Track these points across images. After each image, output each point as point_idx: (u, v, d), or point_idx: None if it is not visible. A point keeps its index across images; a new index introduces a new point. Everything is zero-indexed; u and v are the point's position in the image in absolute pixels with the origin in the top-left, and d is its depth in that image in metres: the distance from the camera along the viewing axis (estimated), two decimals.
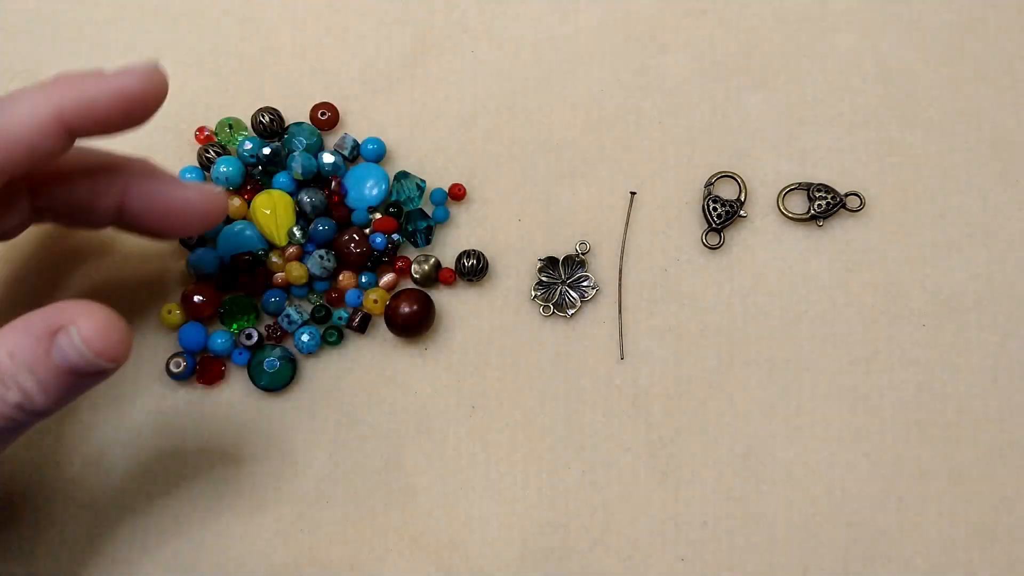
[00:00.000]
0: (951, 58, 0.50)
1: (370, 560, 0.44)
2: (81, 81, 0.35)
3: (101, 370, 0.34)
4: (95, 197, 0.39)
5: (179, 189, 0.40)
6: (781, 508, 0.45)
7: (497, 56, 0.50)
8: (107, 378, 0.35)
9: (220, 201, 0.41)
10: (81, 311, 0.33)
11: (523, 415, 0.46)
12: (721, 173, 0.48)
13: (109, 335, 0.33)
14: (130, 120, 0.36)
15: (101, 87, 0.35)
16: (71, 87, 0.34)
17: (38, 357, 0.33)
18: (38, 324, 0.33)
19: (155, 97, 0.36)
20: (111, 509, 0.44)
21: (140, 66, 0.36)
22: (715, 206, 0.47)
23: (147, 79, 0.36)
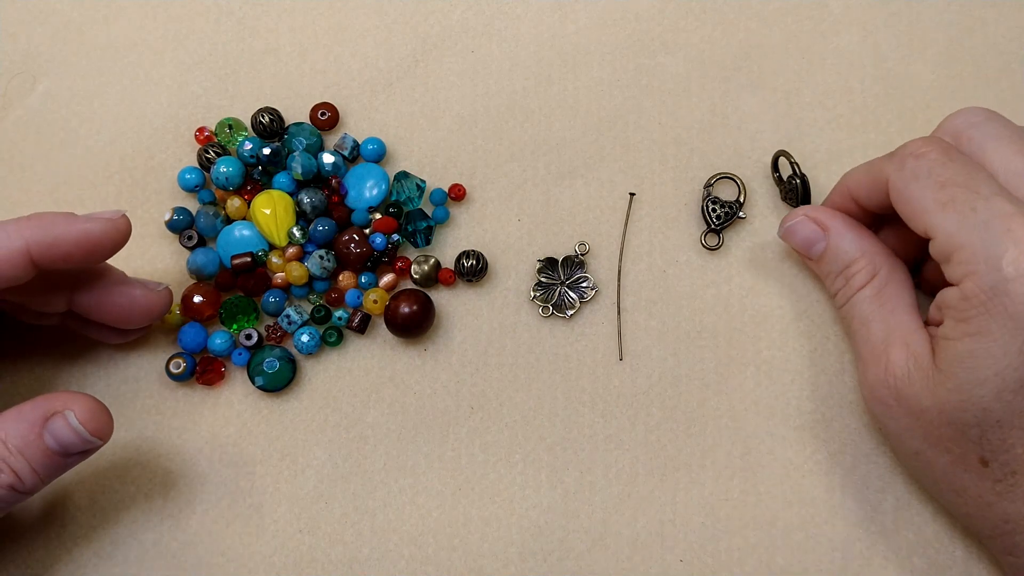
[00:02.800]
0: (950, 59, 0.50)
1: (370, 560, 0.44)
2: (51, 221, 0.38)
3: (90, 448, 0.38)
4: (44, 303, 0.41)
5: (124, 288, 0.42)
6: (780, 509, 0.45)
7: (497, 56, 0.50)
8: (87, 458, 0.39)
9: (163, 297, 0.44)
10: (73, 399, 0.38)
11: (522, 415, 0.46)
12: (720, 174, 0.48)
13: (100, 417, 0.38)
14: (90, 259, 0.40)
15: (69, 229, 0.38)
16: (41, 226, 0.38)
17: (30, 442, 0.37)
18: (31, 412, 0.37)
19: (116, 242, 0.40)
20: (111, 509, 0.44)
21: (107, 214, 0.40)
22: (714, 207, 0.47)
23: (111, 226, 0.39)
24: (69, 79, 0.49)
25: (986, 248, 0.36)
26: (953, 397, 0.37)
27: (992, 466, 0.37)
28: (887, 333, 0.41)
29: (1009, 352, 0.36)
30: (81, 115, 0.48)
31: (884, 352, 0.40)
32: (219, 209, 0.47)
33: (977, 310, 0.36)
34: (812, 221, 0.44)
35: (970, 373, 0.36)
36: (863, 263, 0.42)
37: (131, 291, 0.42)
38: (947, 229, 0.37)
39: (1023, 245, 0.35)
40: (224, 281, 0.46)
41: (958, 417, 0.37)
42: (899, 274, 0.42)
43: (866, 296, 0.42)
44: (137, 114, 0.48)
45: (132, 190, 0.48)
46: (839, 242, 0.43)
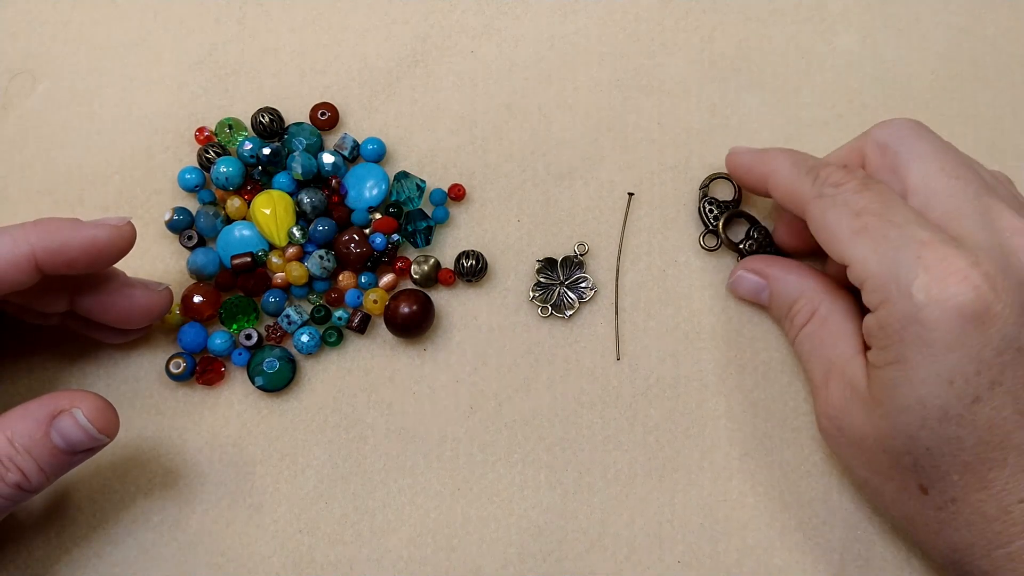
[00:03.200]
0: (949, 60, 0.50)
1: (369, 560, 0.44)
2: (57, 226, 0.38)
3: (97, 446, 0.39)
4: (46, 304, 0.41)
5: (125, 288, 0.43)
6: (778, 510, 0.45)
7: (497, 56, 0.50)
8: (92, 456, 0.39)
9: (164, 298, 0.44)
10: (80, 397, 0.38)
11: (521, 416, 0.46)
12: (716, 175, 0.48)
13: (107, 414, 0.39)
14: (95, 266, 0.40)
15: (74, 235, 0.39)
16: (48, 231, 0.38)
17: (36, 440, 0.37)
18: (37, 410, 0.38)
19: (121, 249, 0.40)
20: (111, 509, 0.45)
21: (112, 221, 0.40)
22: (711, 208, 0.47)
23: (117, 233, 0.40)
24: (69, 79, 0.49)
25: (897, 275, 0.36)
26: (884, 424, 0.37)
27: (931, 493, 0.37)
28: (827, 367, 0.41)
29: (928, 381, 0.35)
30: (81, 115, 0.48)
31: (824, 385, 0.41)
32: (219, 209, 0.47)
33: (893, 339, 0.36)
34: (752, 273, 0.46)
35: (895, 401, 0.37)
36: (802, 303, 0.43)
37: (132, 291, 0.43)
38: (860, 256, 0.37)
39: (934, 271, 0.35)
40: (224, 281, 0.46)
41: (891, 445, 0.37)
42: (841, 305, 0.43)
43: (807, 333, 0.43)
44: (137, 114, 0.48)
45: (132, 190, 0.48)
46: (779, 287, 0.45)
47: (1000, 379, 0.35)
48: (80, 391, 0.39)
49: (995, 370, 0.35)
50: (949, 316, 0.35)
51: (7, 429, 0.37)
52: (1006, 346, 0.35)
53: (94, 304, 0.42)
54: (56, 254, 0.38)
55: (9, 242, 0.37)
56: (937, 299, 0.35)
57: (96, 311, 0.42)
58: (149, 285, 0.43)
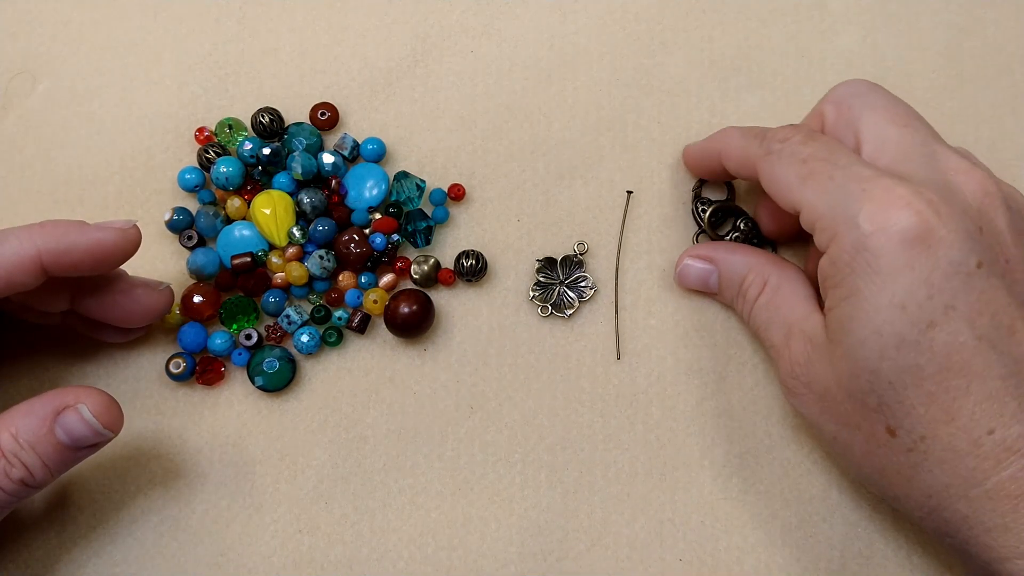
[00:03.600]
0: (950, 59, 0.50)
1: (370, 560, 0.44)
2: (64, 228, 0.39)
3: (101, 441, 0.39)
4: (47, 303, 0.41)
5: (126, 287, 0.43)
6: (779, 508, 0.45)
7: (497, 56, 0.50)
8: (96, 452, 0.40)
9: (165, 297, 0.44)
10: (84, 393, 0.38)
11: (521, 415, 0.46)
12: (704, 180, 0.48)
13: (112, 409, 0.39)
14: (99, 268, 0.40)
15: (80, 238, 0.39)
16: (54, 233, 0.38)
17: (41, 436, 0.38)
18: (41, 407, 0.38)
19: (126, 252, 0.40)
20: (111, 509, 0.44)
21: (118, 224, 0.40)
22: (703, 208, 0.47)
23: (122, 236, 0.40)
24: (69, 79, 0.49)
25: (844, 210, 0.37)
26: (844, 366, 0.37)
27: (900, 434, 0.37)
28: (786, 329, 0.42)
29: (880, 307, 0.36)
30: (81, 115, 0.48)
31: (786, 345, 0.41)
32: (219, 209, 0.47)
33: (844, 272, 0.37)
34: (698, 259, 0.46)
35: (851, 337, 0.37)
36: (752, 276, 0.44)
37: (133, 291, 0.43)
38: (809, 200, 0.38)
39: (878, 201, 0.36)
40: (224, 281, 0.46)
41: (855, 387, 0.37)
42: (790, 272, 0.44)
43: (762, 304, 0.44)
44: (137, 114, 0.48)
45: (132, 190, 0.48)
46: (727, 267, 0.45)
47: (953, 303, 0.35)
48: (84, 387, 0.39)
49: (947, 294, 0.35)
50: (894, 241, 0.36)
51: (11, 425, 0.37)
52: (954, 270, 0.35)
53: (95, 303, 0.42)
54: (61, 256, 0.38)
55: (15, 244, 0.38)
56: (882, 225, 0.36)
57: (97, 310, 0.42)
58: (150, 284, 0.43)
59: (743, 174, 0.43)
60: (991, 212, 0.38)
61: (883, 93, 0.42)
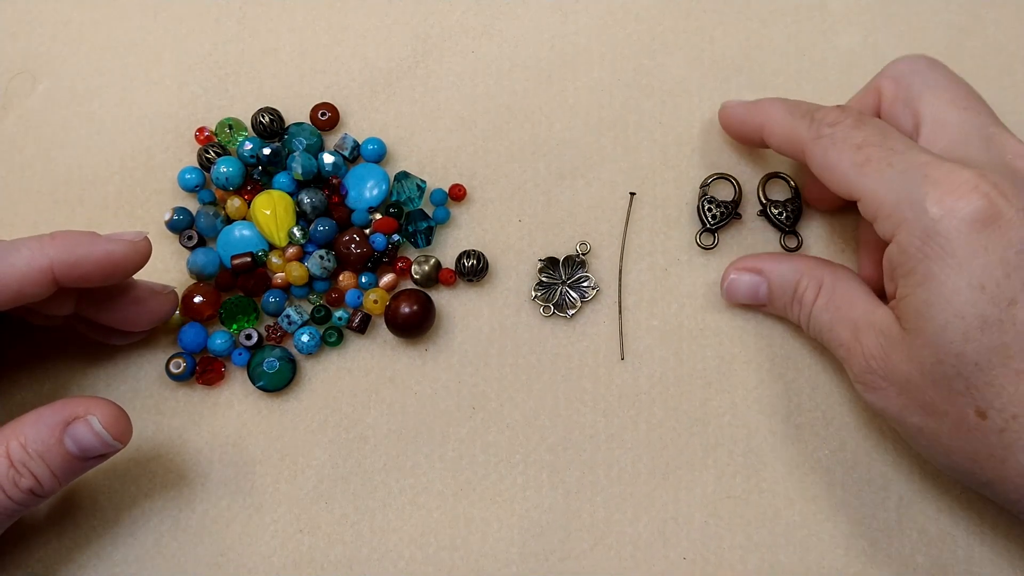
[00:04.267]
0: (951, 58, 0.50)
1: (370, 560, 0.44)
2: (76, 240, 0.39)
3: (110, 452, 0.39)
4: (52, 306, 0.41)
5: (130, 291, 0.43)
6: (782, 507, 0.45)
7: (497, 56, 0.50)
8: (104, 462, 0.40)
9: (169, 300, 0.44)
10: (94, 404, 0.39)
11: (523, 416, 0.46)
12: (717, 174, 0.48)
13: (121, 421, 0.39)
14: (109, 279, 0.40)
15: (92, 249, 0.39)
16: (66, 244, 0.38)
17: (50, 446, 0.38)
18: (51, 416, 0.38)
19: (136, 263, 0.40)
20: (111, 509, 0.44)
21: (128, 236, 0.40)
22: (710, 207, 0.47)
23: (133, 248, 0.40)
24: (69, 79, 0.49)
25: (909, 196, 0.37)
26: (927, 353, 0.37)
27: (991, 415, 0.36)
28: (854, 326, 0.41)
29: (959, 290, 0.36)
30: (81, 115, 0.48)
31: (857, 343, 0.41)
32: (219, 209, 0.47)
33: (917, 258, 0.37)
34: (745, 271, 0.46)
35: (932, 323, 0.37)
36: (806, 281, 0.44)
37: (138, 295, 0.43)
38: (869, 187, 0.38)
39: (943, 185, 0.36)
40: (224, 281, 0.46)
41: (939, 372, 0.37)
42: (842, 272, 0.44)
43: (821, 306, 0.43)
44: (137, 114, 0.48)
45: (132, 190, 0.48)
46: (777, 276, 0.45)
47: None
48: (94, 398, 0.39)
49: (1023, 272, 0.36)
50: (966, 223, 0.36)
51: (20, 435, 0.37)
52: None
53: (101, 308, 0.42)
54: (73, 268, 0.38)
55: (27, 255, 0.38)
56: (951, 209, 0.36)
57: (102, 314, 0.42)
58: (155, 288, 0.44)
59: (786, 152, 0.43)
60: None
61: (944, 71, 0.42)
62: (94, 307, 0.42)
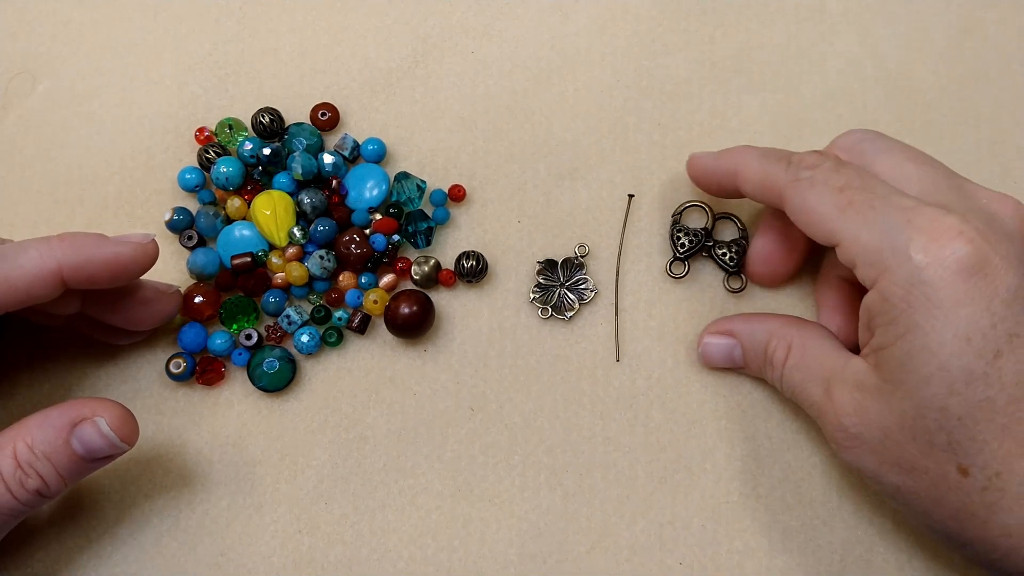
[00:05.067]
0: (950, 60, 0.50)
1: (369, 560, 0.44)
2: (83, 241, 0.39)
3: (116, 453, 0.39)
4: (58, 306, 0.41)
5: (135, 291, 0.43)
6: (779, 512, 0.45)
7: (497, 57, 0.50)
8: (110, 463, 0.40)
9: (174, 299, 0.44)
10: (101, 405, 0.39)
11: (522, 417, 0.46)
12: (689, 203, 0.47)
13: (128, 423, 0.39)
14: (117, 281, 0.40)
15: (100, 251, 0.39)
16: (74, 246, 0.38)
17: (57, 447, 0.38)
18: (58, 418, 0.38)
19: (144, 265, 0.40)
20: (111, 509, 0.44)
21: (135, 237, 0.40)
22: (680, 235, 0.47)
23: (140, 250, 0.40)
24: (69, 79, 0.49)
25: (892, 242, 0.36)
26: (908, 406, 0.36)
27: (973, 472, 0.35)
28: (825, 384, 0.40)
29: (945, 342, 0.35)
30: (81, 115, 0.48)
31: (829, 402, 0.39)
32: (219, 209, 0.47)
33: (900, 307, 0.36)
34: (717, 335, 0.45)
35: (915, 375, 0.35)
36: (775, 341, 0.43)
37: (143, 294, 0.43)
38: (850, 231, 0.37)
39: (927, 232, 0.35)
40: (224, 281, 0.46)
41: (921, 427, 0.36)
42: (812, 329, 0.43)
43: (792, 366, 0.42)
44: (137, 114, 0.48)
45: (132, 190, 0.48)
46: (748, 338, 0.44)
47: (1017, 330, 0.35)
48: (100, 399, 0.39)
49: (1010, 321, 0.35)
50: (951, 272, 0.35)
51: (27, 436, 0.37)
52: (1013, 296, 0.35)
53: (106, 307, 0.42)
54: (81, 270, 0.38)
55: (36, 257, 0.37)
56: (936, 257, 0.35)
57: (107, 313, 0.42)
58: (159, 287, 0.44)
59: (762, 198, 0.42)
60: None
61: (891, 139, 0.41)
62: (100, 307, 0.42)
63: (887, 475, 0.38)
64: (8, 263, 0.37)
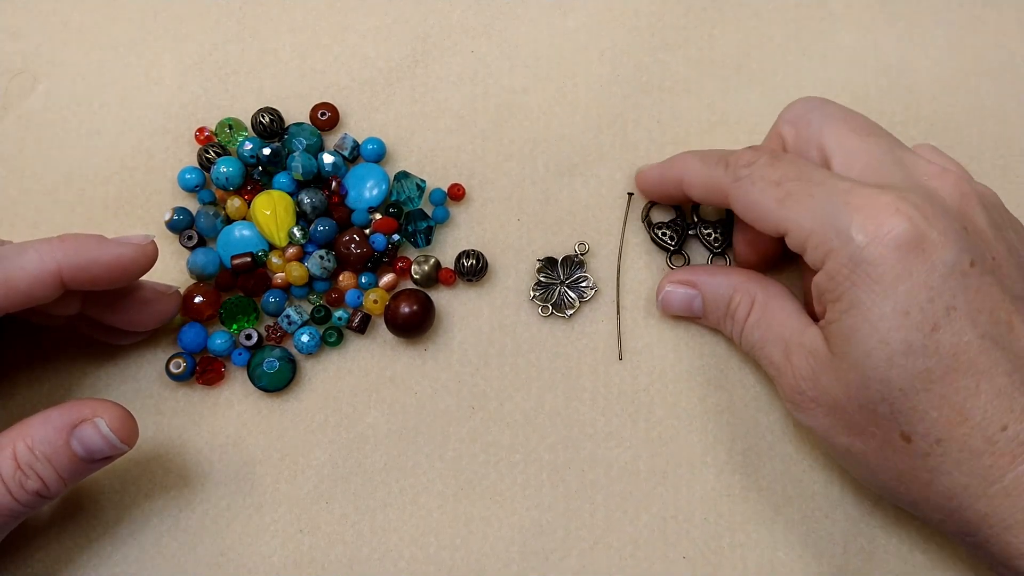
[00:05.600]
0: (951, 57, 0.50)
1: (370, 560, 0.44)
2: (83, 243, 0.39)
3: (116, 454, 0.39)
4: (59, 306, 0.41)
5: (135, 291, 0.43)
6: (781, 504, 0.45)
7: (496, 56, 0.50)
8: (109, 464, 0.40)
9: (174, 300, 0.44)
10: (102, 406, 0.39)
11: (523, 415, 0.46)
12: (651, 203, 0.48)
13: (128, 423, 0.39)
14: (116, 283, 0.40)
15: (100, 252, 0.39)
16: (74, 247, 0.38)
17: (57, 448, 0.38)
18: (58, 418, 0.38)
19: (143, 266, 0.40)
20: (111, 509, 0.44)
21: (135, 239, 0.40)
22: (662, 232, 0.47)
23: (140, 252, 0.40)
24: (69, 79, 0.49)
25: (834, 224, 0.37)
26: (853, 377, 0.37)
27: (915, 440, 0.37)
28: (784, 345, 0.41)
29: (884, 316, 0.36)
30: (81, 115, 0.48)
31: (787, 363, 0.41)
32: (219, 209, 0.47)
33: (844, 285, 0.37)
34: (679, 284, 0.46)
35: (857, 349, 0.37)
36: (738, 296, 0.44)
37: (143, 295, 0.43)
38: (793, 220, 0.38)
39: (866, 211, 0.36)
40: (224, 281, 0.46)
41: (865, 397, 0.37)
42: (775, 288, 0.43)
43: (753, 323, 0.43)
44: (137, 114, 0.48)
45: (132, 190, 0.48)
46: (710, 290, 0.45)
47: (954, 303, 0.36)
48: (100, 400, 0.39)
49: (947, 295, 0.36)
50: (890, 248, 0.36)
51: (27, 437, 0.37)
52: (950, 271, 0.36)
53: (106, 308, 0.42)
54: (81, 271, 0.38)
55: (36, 258, 0.37)
56: (875, 235, 0.36)
57: (107, 314, 0.42)
58: (158, 288, 0.44)
59: (710, 201, 0.43)
60: (970, 212, 0.39)
61: (837, 106, 0.42)
62: (100, 308, 0.42)
63: (838, 437, 0.40)
64: (8, 264, 0.37)
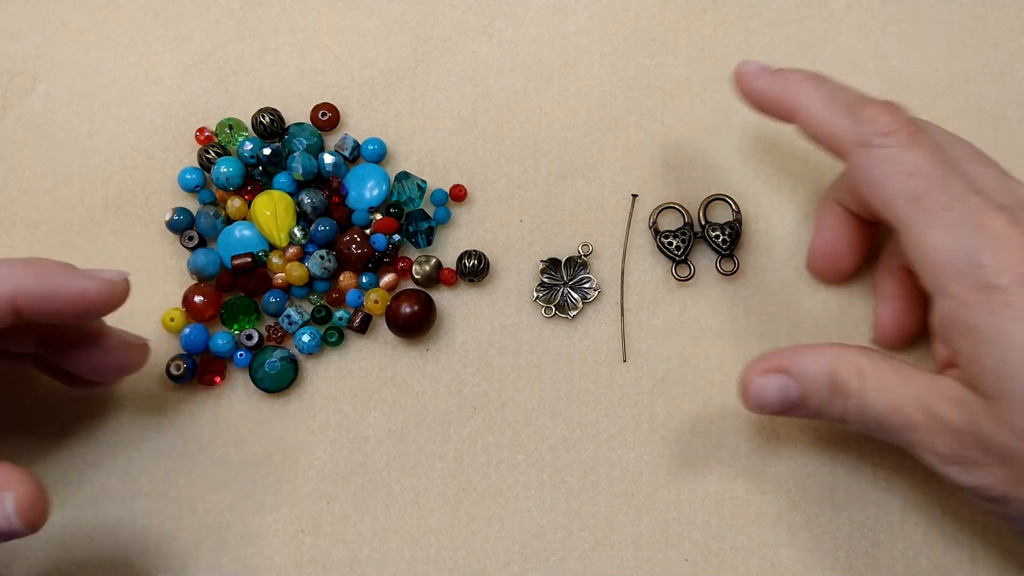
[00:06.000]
0: (953, 59, 0.50)
1: (371, 560, 0.44)
2: (48, 269, 0.35)
3: (14, 537, 0.34)
4: (11, 343, 0.38)
5: (99, 339, 0.39)
6: (785, 508, 0.44)
7: (498, 56, 0.50)
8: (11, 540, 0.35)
9: (140, 353, 0.41)
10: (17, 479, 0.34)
11: (525, 416, 0.46)
12: (662, 206, 0.47)
13: (38, 505, 0.34)
14: (79, 319, 0.37)
15: (63, 282, 0.35)
16: (36, 274, 0.35)
17: None
18: None
19: (110, 305, 0.37)
20: (111, 510, 0.44)
21: (107, 274, 0.37)
22: (668, 240, 0.46)
23: (108, 288, 0.36)
24: (69, 79, 0.49)
25: (964, 247, 0.34)
26: (1019, 416, 0.33)
27: None
28: (923, 404, 0.36)
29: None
30: (81, 115, 0.48)
31: (935, 421, 0.36)
32: (219, 209, 0.47)
33: (980, 312, 0.34)
34: (769, 373, 0.39)
35: (1016, 382, 0.33)
36: (842, 368, 0.38)
37: (107, 343, 0.40)
38: (917, 226, 0.36)
39: (999, 238, 0.34)
40: (225, 282, 0.46)
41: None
42: (873, 352, 0.39)
43: (872, 390, 0.38)
44: (137, 114, 0.48)
45: (132, 190, 0.48)
46: (807, 370, 0.39)
47: None
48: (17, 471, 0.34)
49: None
50: None
51: None
52: None
53: (64, 352, 0.39)
54: (39, 301, 0.35)
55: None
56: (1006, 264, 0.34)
57: (66, 359, 0.40)
58: (127, 338, 0.41)
59: (823, 148, 0.39)
60: None
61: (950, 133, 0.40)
62: (58, 351, 0.39)
63: (1019, 491, 0.35)
64: None
